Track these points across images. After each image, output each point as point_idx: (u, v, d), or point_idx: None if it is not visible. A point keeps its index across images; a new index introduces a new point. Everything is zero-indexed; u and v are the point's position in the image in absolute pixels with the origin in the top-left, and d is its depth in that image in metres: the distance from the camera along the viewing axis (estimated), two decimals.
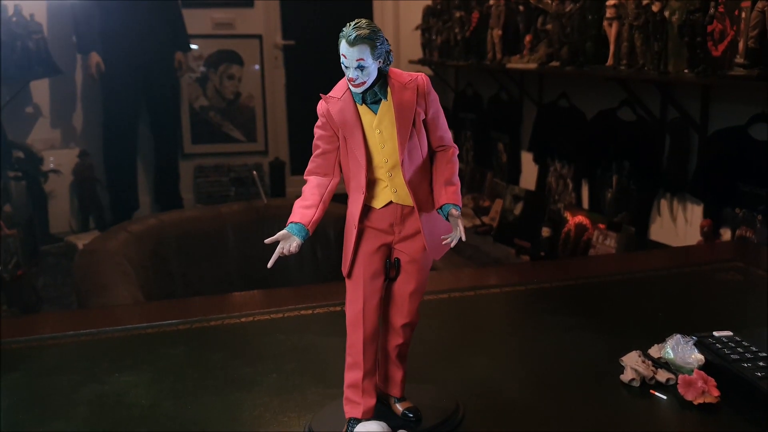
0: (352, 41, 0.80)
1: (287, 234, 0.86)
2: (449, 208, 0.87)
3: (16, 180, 4.40)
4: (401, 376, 0.95)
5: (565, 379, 1.11)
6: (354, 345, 0.89)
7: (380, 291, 0.89)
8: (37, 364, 1.20)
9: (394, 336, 0.92)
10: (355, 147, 0.86)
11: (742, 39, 2.30)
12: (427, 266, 0.91)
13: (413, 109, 0.85)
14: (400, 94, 0.85)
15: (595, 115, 3.54)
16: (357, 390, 0.90)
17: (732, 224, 2.70)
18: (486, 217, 4.50)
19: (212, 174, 5.66)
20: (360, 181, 0.87)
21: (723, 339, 1.12)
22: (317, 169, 0.89)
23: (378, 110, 0.85)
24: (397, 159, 0.85)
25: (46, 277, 4.16)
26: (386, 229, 0.89)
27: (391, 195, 0.87)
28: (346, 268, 0.89)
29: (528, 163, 4.26)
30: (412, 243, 0.89)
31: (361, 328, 0.88)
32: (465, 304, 1.46)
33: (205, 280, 2.73)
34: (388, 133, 0.85)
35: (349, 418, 0.90)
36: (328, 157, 0.88)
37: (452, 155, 0.89)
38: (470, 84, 4.95)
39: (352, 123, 0.85)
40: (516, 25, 3.94)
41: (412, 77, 0.86)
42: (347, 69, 0.82)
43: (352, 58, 0.81)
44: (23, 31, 4.40)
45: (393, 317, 0.91)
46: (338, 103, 0.85)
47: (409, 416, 0.93)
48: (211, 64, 5.63)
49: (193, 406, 1.04)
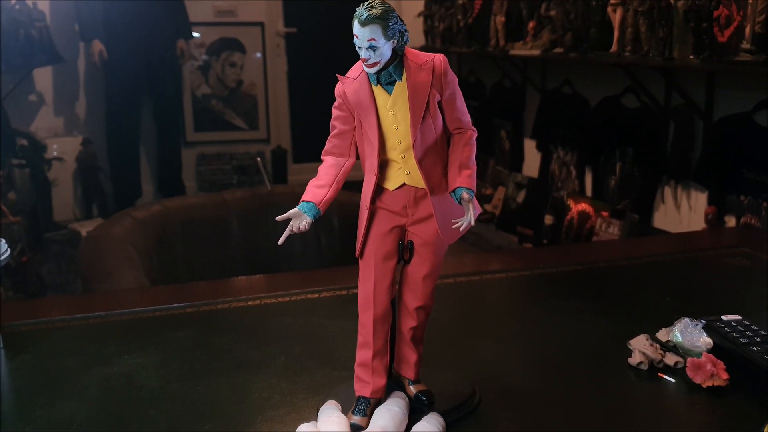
0: (363, 21, 0.80)
1: (298, 212, 0.86)
2: (461, 191, 0.86)
3: (20, 168, 4.41)
4: (415, 359, 0.94)
5: (572, 362, 1.11)
6: (365, 325, 0.89)
7: (392, 272, 0.89)
8: (47, 346, 1.20)
9: (408, 318, 0.92)
10: (369, 128, 0.85)
11: (749, 24, 2.29)
12: (442, 250, 0.91)
13: (428, 90, 0.84)
14: (416, 75, 0.84)
15: (599, 101, 3.53)
16: (367, 369, 0.90)
17: (737, 211, 2.70)
18: (488, 204, 4.50)
19: (214, 162, 5.66)
20: (373, 163, 0.86)
21: (731, 323, 1.12)
22: (333, 150, 0.89)
23: (392, 91, 0.84)
24: (410, 140, 0.85)
25: (50, 265, 4.17)
26: (399, 211, 0.88)
27: (404, 177, 0.87)
28: (359, 249, 0.89)
29: (531, 151, 4.25)
30: (425, 226, 0.88)
31: (372, 308, 0.88)
32: (470, 289, 1.46)
33: (209, 267, 2.72)
34: (402, 114, 0.84)
35: (358, 396, 0.90)
36: (344, 137, 0.88)
37: (470, 138, 0.88)
38: (473, 71, 4.93)
39: (366, 104, 0.85)
40: (519, 12, 3.92)
41: (429, 57, 0.85)
42: (360, 49, 0.82)
43: (364, 38, 0.80)
44: (26, 19, 4.39)
45: (407, 299, 0.91)
46: (354, 83, 0.85)
47: (422, 399, 0.93)
48: (213, 51, 5.63)
49: (202, 388, 1.04)
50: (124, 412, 0.99)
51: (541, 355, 1.14)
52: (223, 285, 1.57)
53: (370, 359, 0.89)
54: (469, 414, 0.95)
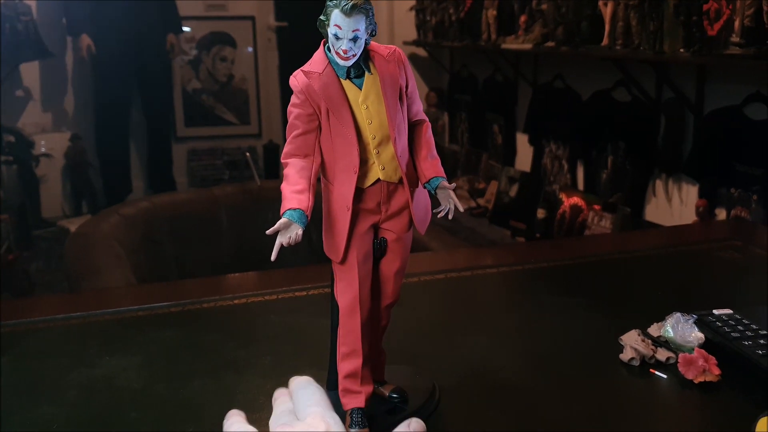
0: (348, 10, 0.76)
1: (288, 222, 0.79)
2: (439, 180, 0.84)
3: (7, 164, 4.37)
4: (384, 359, 0.93)
5: (563, 358, 1.10)
6: (352, 332, 0.85)
7: (371, 273, 0.86)
8: (27, 348, 1.18)
9: (377, 318, 0.89)
10: (344, 124, 0.81)
11: (738, 17, 2.28)
12: (410, 244, 0.88)
13: (398, 81, 0.82)
14: (385, 67, 0.81)
15: (591, 95, 3.52)
16: (356, 379, 0.86)
17: (727, 204, 2.70)
18: (481, 199, 4.49)
19: (206, 157, 5.63)
20: (352, 160, 0.82)
21: (723, 317, 1.11)
22: (297, 151, 0.82)
23: (362, 84, 0.81)
24: (384, 134, 0.82)
25: (39, 262, 4.14)
26: (374, 208, 0.84)
27: (378, 173, 0.83)
28: (340, 254, 0.84)
29: (523, 145, 4.24)
30: (398, 221, 0.86)
31: (359, 313, 0.84)
32: (462, 284, 1.45)
33: (198, 263, 2.71)
34: (375, 108, 0.81)
35: (352, 409, 0.87)
36: (308, 137, 0.82)
37: (428, 128, 0.87)
38: (465, 65, 4.92)
39: (338, 99, 0.80)
40: (511, 5, 3.91)
41: (390, 49, 0.82)
42: (340, 40, 0.77)
43: (348, 29, 0.77)
44: (12, 13, 4.35)
45: (377, 299, 0.88)
46: (321, 78, 0.80)
47: (395, 397, 0.91)
48: (203, 46, 5.59)
49: (186, 389, 1.02)
50: (104, 415, 0.96)
51: (533, 350, 1.13)
52: (209, 282, 1.55)
53: (360, 367, 0.86)
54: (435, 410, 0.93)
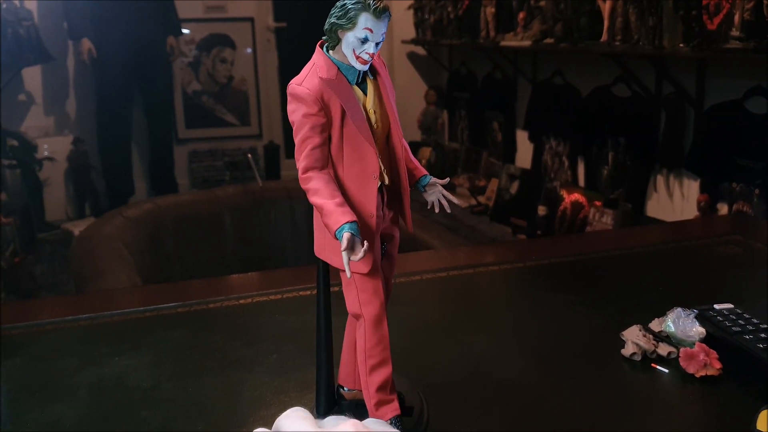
0: (379, 13, 0.73)
1: (352, 237, 0.74)
2: (428, 179, 0.86)
3: (11, 168, 4.39)
4: None
5: (565, 354, 1.11)
6: (381, 341, 0.82)
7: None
8: (37, 349, 1.19)
9: None
10: (362, 130, 0.78)
11: (738, 11, 2.28)
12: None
13: (392, 85, 0.83)
14: (382, 71, 0.81)
15: (590, 91, 3.53)
16: (388, 388, 0.83)
17: (729, 199, 2.70)
18: (482, 196, 4.50)
19: (207, 159, 5.64)
20: (370, 165, 0.79)
21: (724, 311, 1.12)
22: (317, 163, 0.78)
23: (367, 89, 0.80)
24: (391, 138, 0.82)
25: (44, 265, 4.16)
26: (379, 214, 0.83)
27: (385, 177, 0.83)
28: (370, 263, 0.79)
29: (523, 142, 4.24)
30: (392, 223, 0.86)
31: (385, 321, 0.82)
32: (463, 282, 1.46)
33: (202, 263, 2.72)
34: (379, 112, 0.81)
35: (390, 419, 0.84)
36: (324, 149, 0.78)
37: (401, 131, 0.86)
38: (464, 63, 4.92)
39: (356, 105, 0.78)
40: (509, 3, 3.92)
41: (377, 54, 0.81)
42: (366, 44, 0.75)
43: (379, 32, 0.74)
44: (13, 17, 4.36)
45: None
46: (338, 84, 0.77)
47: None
48: (203, 47, 5.60)
49: (194, 388, 1.04)
50: (115, 414, 0.98)
51: (535, 347, 1.14)
52: (215, 283, 1.56)
53: (390, 375, 0.83)
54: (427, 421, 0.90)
